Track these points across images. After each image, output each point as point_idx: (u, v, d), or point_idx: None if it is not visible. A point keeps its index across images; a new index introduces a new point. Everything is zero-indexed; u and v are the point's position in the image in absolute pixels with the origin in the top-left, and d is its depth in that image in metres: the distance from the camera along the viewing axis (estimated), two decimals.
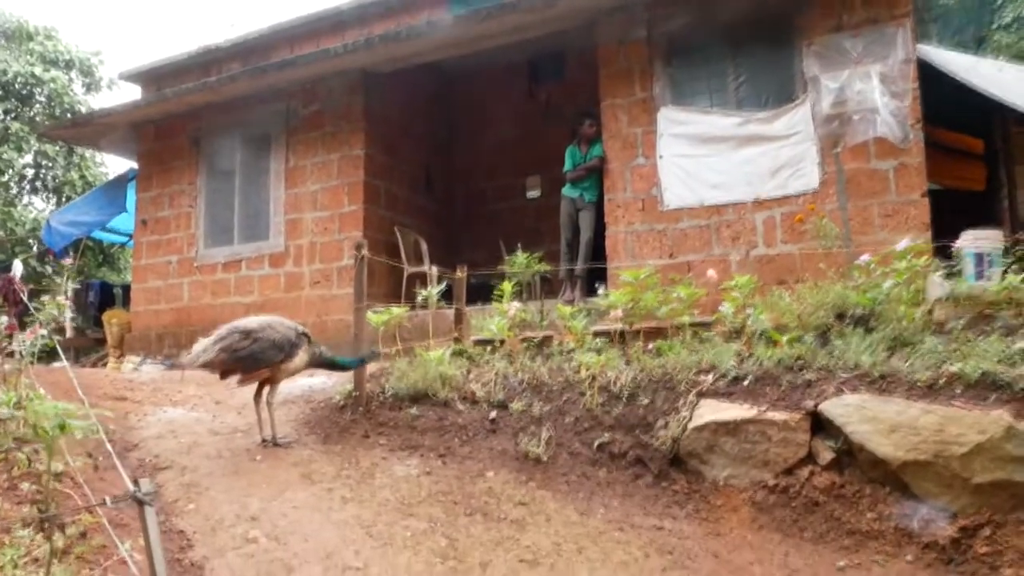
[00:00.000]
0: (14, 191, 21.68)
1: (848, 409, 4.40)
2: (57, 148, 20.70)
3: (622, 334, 6.55)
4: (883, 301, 5.21)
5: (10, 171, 21.16)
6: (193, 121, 12.68)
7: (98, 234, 15.41)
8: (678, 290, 6.16)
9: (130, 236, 14.28)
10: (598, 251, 9.80)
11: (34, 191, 22.20)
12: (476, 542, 4.12)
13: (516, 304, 6.64)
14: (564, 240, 10.19)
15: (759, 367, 5.11)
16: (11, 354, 5.50)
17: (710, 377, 5.20)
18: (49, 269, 19.01)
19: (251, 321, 5.31)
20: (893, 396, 4.37)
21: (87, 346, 14.33)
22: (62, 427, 3.13)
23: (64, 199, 20.30)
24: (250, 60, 13.52)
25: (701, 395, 5.05)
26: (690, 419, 4.90)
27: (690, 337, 5.90)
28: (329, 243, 11.85)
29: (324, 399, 6.30)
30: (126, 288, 14.31)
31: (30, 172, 21.93)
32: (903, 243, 5.31)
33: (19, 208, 21.05)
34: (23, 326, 7.44)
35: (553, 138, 11.29)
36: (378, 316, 6.34)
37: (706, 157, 8.80)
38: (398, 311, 6.60)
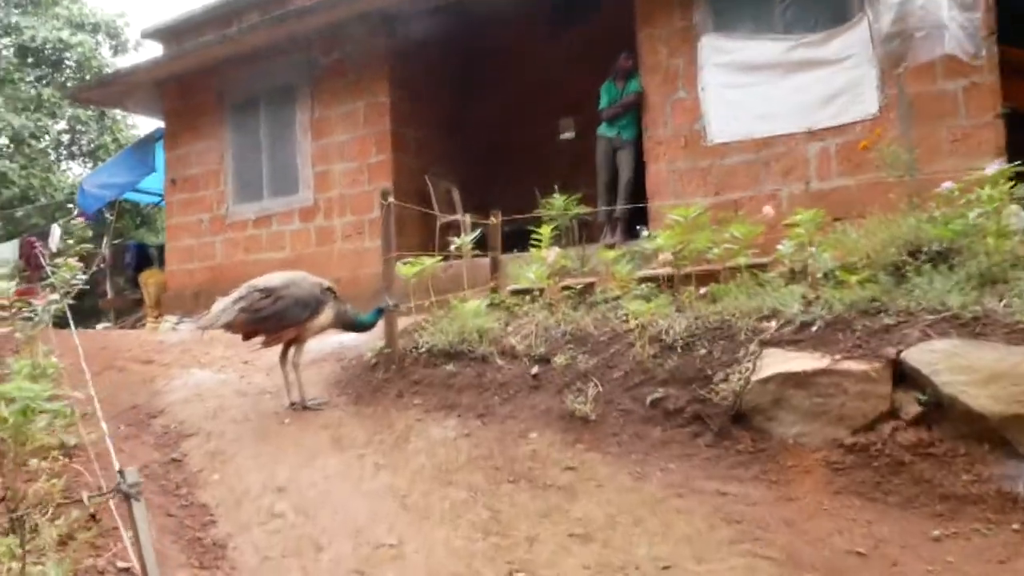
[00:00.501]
0: (52, 157, 21.48)
1: (936, 356, 3.83)
2: (89, 112, 20.39)
3: (670, 279, 6.00)
4: (967, 234, 4.58)
5: (46, 137, 20.94)
6: (216, 76, 12.17)
7: (131, 195, 15.08)
8: (732, 229, 5.57)
9: (162, 196, 13.92)
10: (638, 192, 9.20)
11: (71, 156, 22.01)
12: (521, 513, 3.66)
13: (555, 249, 6.11)
14: (601, 182, 9.59)
15: (828, 311, 4.54)
16: (29, 319, 5.10)
17: (773, 324, 4.65)
18: (90, 232, 18.79)
19: (272, 278, 4.86)
20: (989, 340, 3.79)
21: (127, 307, 14.09)
22: (25, 413, 2.65)
23: (98, 162, 20.03)
24: (269, 10, 12.89)
25: (764, 344, 4.50)
26: (753, 371, 4.36)
27: (747, 280, 5.33)
28: (359, 195, 11.38)
29: (356, 356, 5.86)
30: (162, 248, 14.01)
31: (66, 138, 21.69)
32: (992, 166, 4.64)
33: (56, 173, 20.83)
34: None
35: (586, 76, 10.61)
36: (409, 267, 5.84)
37: (753, 86, 8.11)
38: (430, 261, 6.10)
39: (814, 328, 4.51)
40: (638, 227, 9.41)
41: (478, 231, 6.63)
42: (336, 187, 11.55)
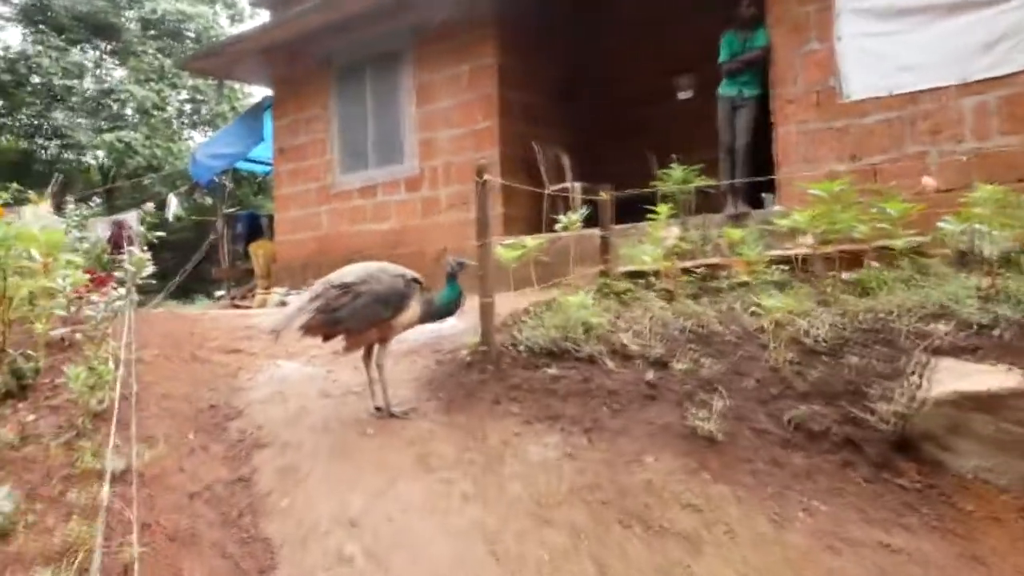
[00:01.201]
0: (174, 126, 21.84)
1: None
2: (209, 82, 20.55)
3: (804, 260, 5.13)
4: None
5: (169, 108, 21.27)
6: (321, 43, 11.73)
7: (242, 164, 14.98)
8: (886, 204, 4.63)
9: (271, 165, 13.74)
10: (761, 157, 8.22)
11: (192, 126, 22.35)
12: (633, 569, 2.96)
13: (675, 230, 5.30)
14: (723, 146, 8.64)
15: (1016, 309, 3.61)
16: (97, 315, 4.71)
17: (943, 326, 3.75)
18: (209, 200, 19.02)
19: (349, 272, 4.28)
20: None
21: (239, 277, 14.06)
22: None
23: (217, 131, 20.20)
24: None
25: (934, 352, 3.61)
26: (921, 387, 3.50)
27: (905, 266, 4.40)
28: (464, 163, 10.77)
29: (451, 350, 5.24)
30: (272, 218, 13.86)
31: (187, 107, 22.01)
32: None
33: (178, 142, 21.17)
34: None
35: (706, 28, 9.57)
36: (509, 250, 5.16)
37: (897, 34, 6.99)
38: (533, 243, 5.40)
39: (996, 331, 3.59)
40: (762, 195, 8.45)
41: (587, 208, 5.89)
42: (441, 155, 11.00)
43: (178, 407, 4.50)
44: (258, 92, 23.87)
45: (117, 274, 5.23)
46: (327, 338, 4.28)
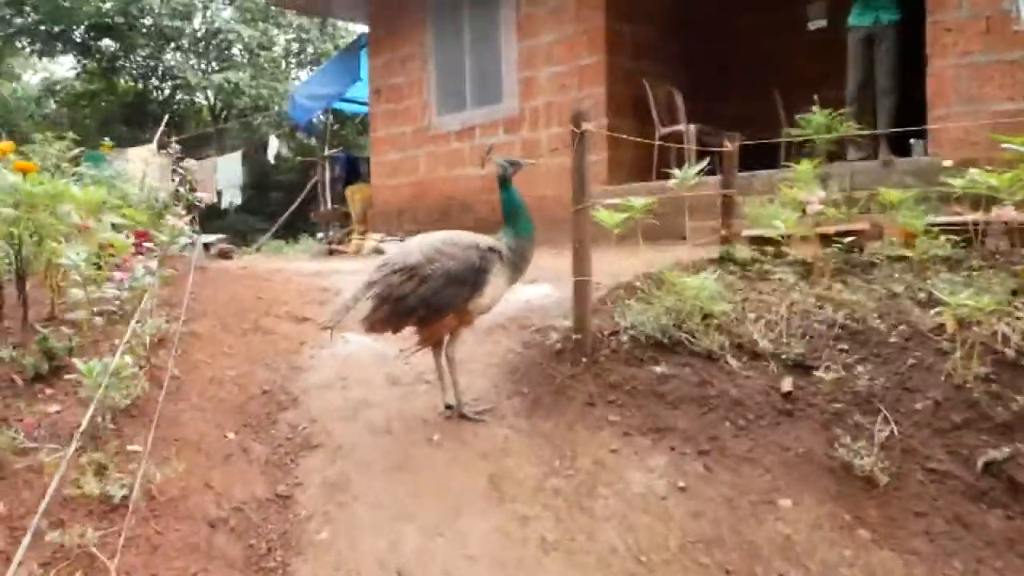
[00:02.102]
0: (280, 66, 21.50)
1: None
2: (312, 21, 19.99)
3: (977, 229, 4.03)
4: None
5: (275, 47, 20.90)
6: None
7: (339, 105, 14.36)
8: None
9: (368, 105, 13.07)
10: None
11: (298, 65, 21.94)
12: None
13: (820, 193, 4.23)
14: (853, 86, 7.40)
15: None
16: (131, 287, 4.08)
17: None
18: (314, 141, 18.66)
19: (413, 249, 3.46)
20: None
21: (337, 220, 13.59)
22: None
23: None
24: None
25: None
26: None
27: None
28: (567, 102, 9.77)
29: (541, 328, 4.41)
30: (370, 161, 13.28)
31: (294, 47, 21.59)
32: None
33: (284, 82, 20.83)
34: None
35: None
36: (610, 215, 4.23)
37: None
38: (640, 203, 4.44)
39: None
40: (911, 141, 7.18)
41: (705, 160, 4.87)
42: (543, 94, 10.04)
43: (225, 394, 3.86)
44: (360, 30, 23.26)
45: (159, 234, 4.60)
46: (396, 330, 3.50)
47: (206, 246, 13.61)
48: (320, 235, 14.00)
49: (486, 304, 3.55)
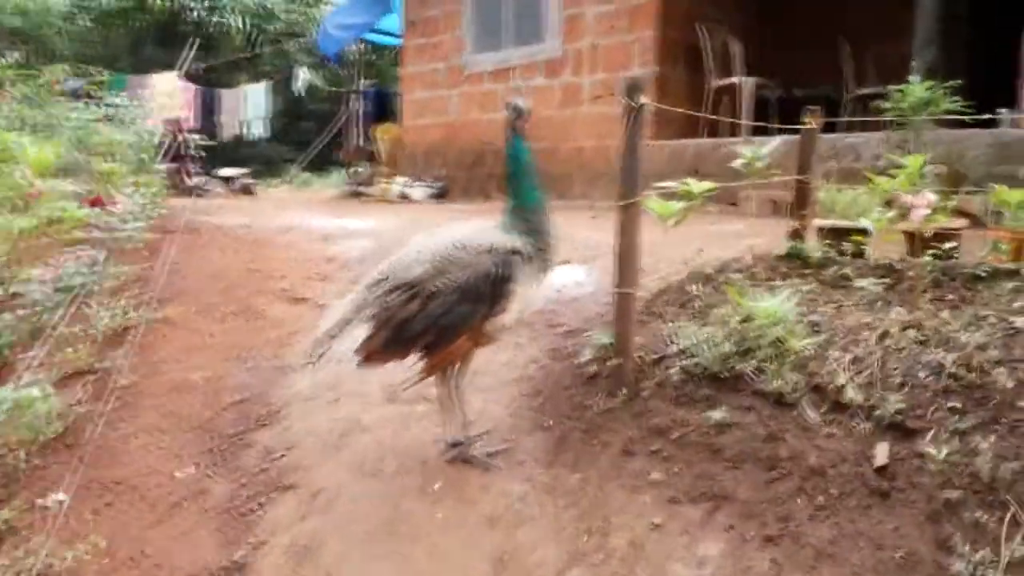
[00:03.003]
0: None
1: None
2: None
3: None
4: None
5: None
6: None
7: (370, 36, 13.39)
8: None
9: (400, 37, 12.12)
10: None
11: None
12: None
13: (929, 196, 3.36)
14: (924, 30, 6.43)
15: None
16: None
17: None
18: (343, 72, 17.69)
19: (414, 259, 2.69)
20: None
21: (365, 159, 12.78)
22: None
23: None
24: None
25: None
26: None
27: None
28: (614, 46, 8.82)
29: (573, 330, 3.68)
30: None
31: None
32: None
33: (317, 7, 19.77)
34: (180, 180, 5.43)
35: None
36: (664, 205, 3.42)
37: None
38: (700, 187, 3.61)
39: None
40: (998, 112, 6.21)
41: (775, 140, 3.97)
42: (588, 35, 9.08)
43: (190, 406, 3.19)
44: None
45: (126, 197, 3.87)
46: (398, 361, 2.77)
47: (228, 180, 12.96)
48: (352, 170, 13.20)
49: (511, 321, 2.79)
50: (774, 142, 3.72)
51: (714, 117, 7.96)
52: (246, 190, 12.74)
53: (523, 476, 2.76)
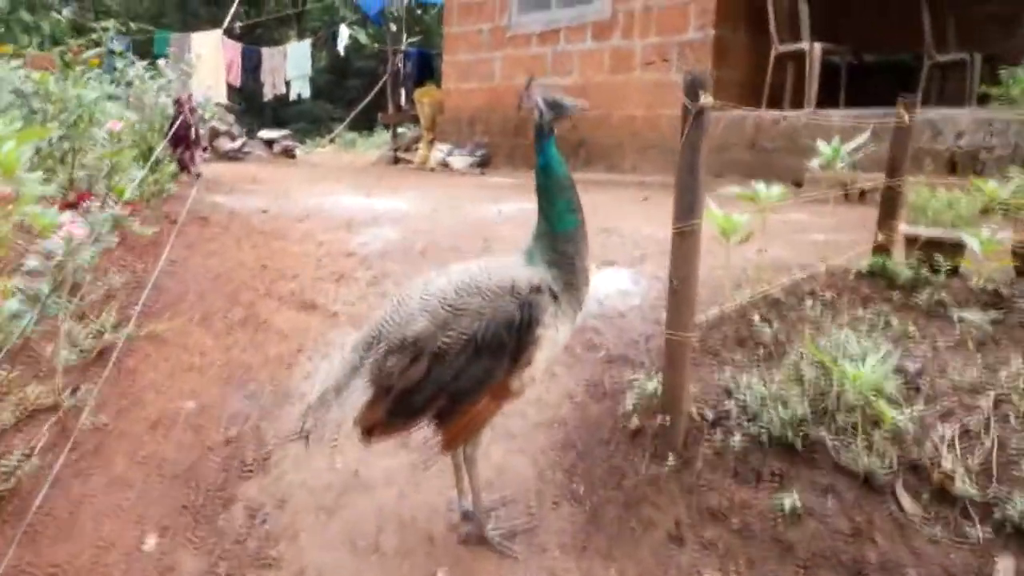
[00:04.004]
0: None
1: None
2: None
3: None
4: None
5: None
6: None
7: None
8: None
9: None
10: None
11: None
12: None
13: None
14: None
15: None
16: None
17: None
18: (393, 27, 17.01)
19: (416, 309, 2.10)
20: None
21: (407, 122, 12.20)
22: None
23: None
24: None
25: None
26: None
27: None
28: (669, 7, 8.08)
29: (615, 359, 3.12)
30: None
31: None
32: None
33: None
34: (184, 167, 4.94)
35: None
36: (727, 218, 2.82)
37: None
38: (774, 194, 2.98)
39: None
40: None
41: (864, 138, 3.30)
42: None
43: (171, 449, 2.72)
44: None
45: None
46: (405, 433, 2.25)
47: (269, 143, 12.52)
48: (400, 130, 12.58)
49: (539, 372, 2.24)
50: (861, 138, 3.05)
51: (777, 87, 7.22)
52: (287, 152, 12.30)
53: (545, 567, 2.23)
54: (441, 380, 2.06)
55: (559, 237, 2.17)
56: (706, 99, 2.33)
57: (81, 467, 2.48)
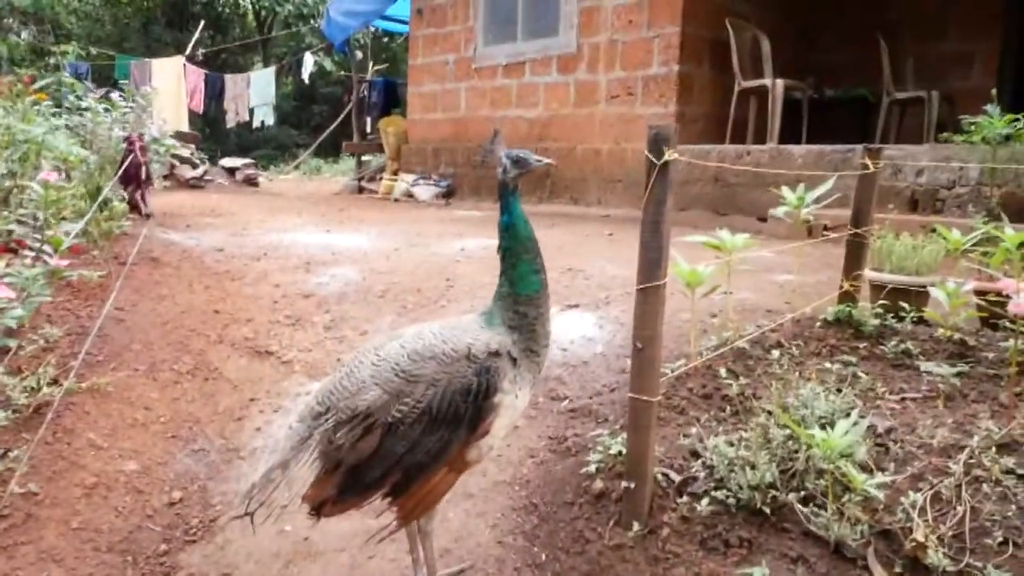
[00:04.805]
0: None
1: None
2: None
3: None
4: None
5: None
6: None
7: (382, 24, 12.66)
8: None
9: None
10: None
11: None
12: None
13: None
14: None
15: None
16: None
17: None
18: (359, 55, 16.92)
19: (364, 377, 1.99)
20: None
21: (371, 152, 12.09)
22: None
23: None
24: None
25: None
26: None
27: None
28: (634, 42, 8.09)
29: (579, 411, 3.02)
30: None
31: None
32: None
33: None
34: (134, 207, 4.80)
35: None
36: (693, 272, 2.74)
37: None
38: (739, 241, 2.92)
39: None
40: None
41: (828, 185, 3.25)
42: (605, 30, 8.36)
43: (107, 517, 2.55)
44: None
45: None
46: (357, 508, 2.12)
47: (232, 171, 12.32)
48: (365, 158, 12.43)
49: (498, 441, 2.13)
50: (825, 186, 3.01)
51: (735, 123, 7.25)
52: (250, 181, 12.11)
53: None
54: (395, 453, 1.94)
55: (521, 299, 2.07)
56: (670, 154, 2.25)
57: (8, 540, 2.31)
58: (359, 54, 13.01)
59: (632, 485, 2.33)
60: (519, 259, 2.07)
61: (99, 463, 2.76)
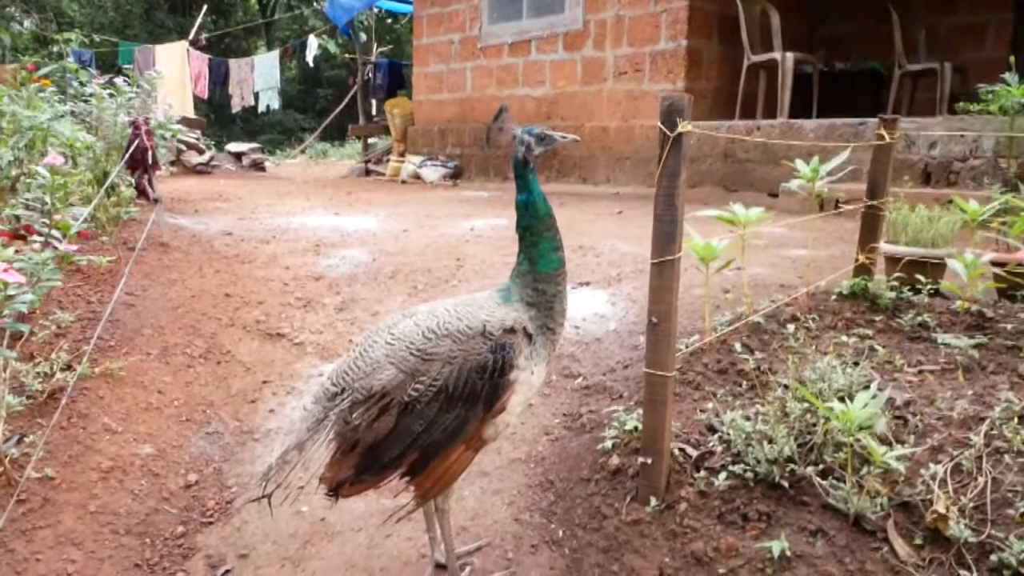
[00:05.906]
0: None
1: None
2: None
3: None
4: None
5: None
6: None
7: (386, 5, 12.57)
8: None
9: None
10: None
11: None
12: None
13: None
14: None
15: None
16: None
17: None
18: (364, 36, 16.82)
19: (379, 356, 1.98)
20: None
21: (377, 135, 12.05)
22: None
23: None
24: None
25: None
26: None
27: None
28: (641, 17, 8.01)
29: (593, 389, 3.01)
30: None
31: None
32: None
33: None
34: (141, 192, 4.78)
35: None
36: (707, 246, 2.72)
37: None
38: (752, 215, 2.89)
39: None
40: None
41: (842, 158, 3.19)
42: (612, 5, 8.27)
43: (123, 499, 2.56)
44: None
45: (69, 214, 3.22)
46: (374, 488, 2.11)
47: (238, 156, 12.31)
48: (371, 140, 12.43)
49: (514, 418, 2.13)
50: (840, 158, 2.97)
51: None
52: (257, 165, 12.10)
53: None
54: (412, 432, 1.94)
55: (541, 277, 2.06)
56: (684, 126, 2.22)
57: (27, 524, 2.32)
58: (363, 36, 12.92)
59: (649, 460, 2.32)
60: (540, 237, 2.06)
61: (114, 447, 2.77)
